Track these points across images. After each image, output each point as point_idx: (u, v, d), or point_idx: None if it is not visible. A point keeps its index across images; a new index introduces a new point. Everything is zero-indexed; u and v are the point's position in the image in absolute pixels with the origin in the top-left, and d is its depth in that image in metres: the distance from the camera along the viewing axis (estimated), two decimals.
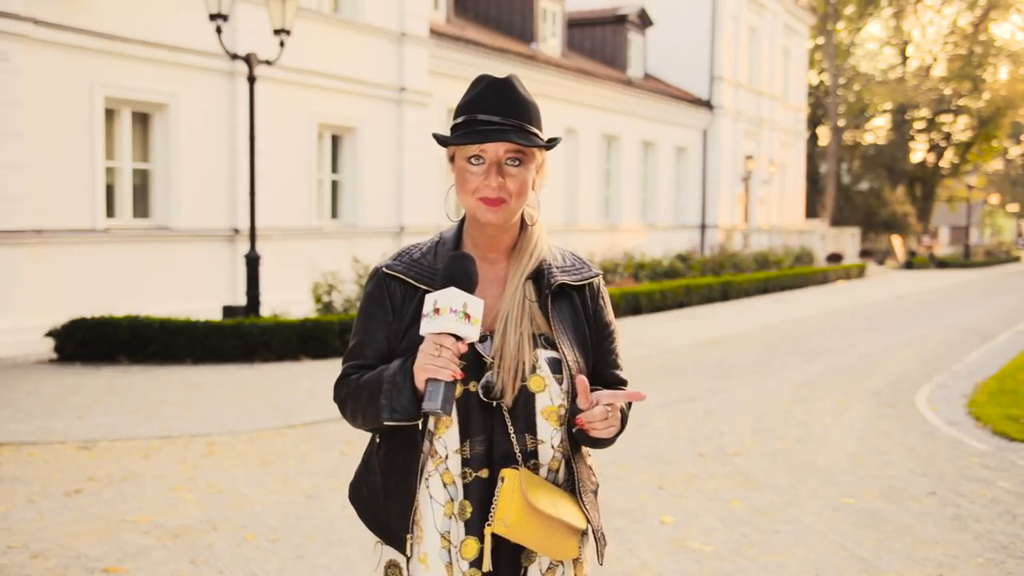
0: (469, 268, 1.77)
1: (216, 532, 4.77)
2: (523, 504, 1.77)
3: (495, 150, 1.83)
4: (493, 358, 1.84)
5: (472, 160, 1.84)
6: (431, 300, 1.74)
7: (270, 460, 6.25)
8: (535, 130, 1.86)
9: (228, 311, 11.47)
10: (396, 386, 1.80)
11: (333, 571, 4.28)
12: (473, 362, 1.83)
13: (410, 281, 1.91)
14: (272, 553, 4.48)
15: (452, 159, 1.90)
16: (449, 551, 1.85)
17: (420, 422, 1.85)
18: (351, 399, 1.90)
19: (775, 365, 10.88)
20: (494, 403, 1.84)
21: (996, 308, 19.16)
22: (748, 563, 4.43)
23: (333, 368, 9.98)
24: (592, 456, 2.02)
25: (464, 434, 1.85)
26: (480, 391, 1.84)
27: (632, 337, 13.04)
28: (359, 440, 6.74)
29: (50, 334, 10.26)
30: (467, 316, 1.72)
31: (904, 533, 4.90)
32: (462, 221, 1.98)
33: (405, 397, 1.79)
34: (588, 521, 1.90)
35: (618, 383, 1.98)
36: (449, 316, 1.72)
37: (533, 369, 1.84)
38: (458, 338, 1.73)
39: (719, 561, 4.45)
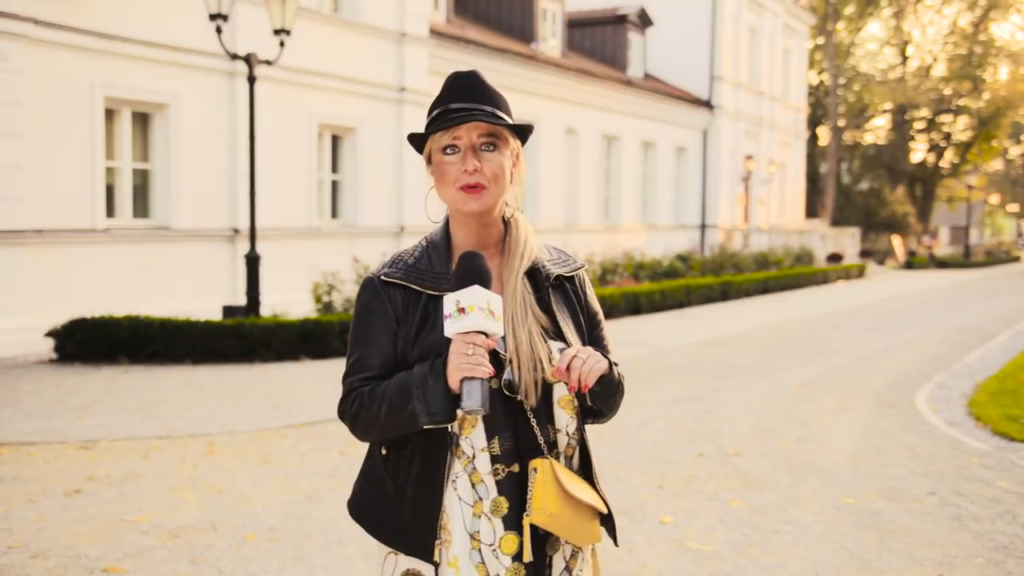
0: (484, 265, 1.80)
1: (216, 532, 4.77)
2: (560, 491, 1.81)
3: (468, 135, 1.85)
4: (510, 356, 1.86)
5: (447, 151, 1.86)
6: (453, 300, 1.74)
7: (270, 460, 6.25)
8: (504, 115, 1.88)
9: (228, 311, 11.47)
10: (430, 388, 1.78)
11: (333, 571, 4.28)
12: (491, 360, 1.82)
13: (412, 286, 1.89)
14: (272, 553, 4.48)
15: (429, 160, 1.91)
16: (480, 551, 1.83)
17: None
18: (364, 412, 1.86)
19: (775, 365, 10.88)
20: (517, 398, 1.85)
21: (996, 308, 19.15)
22: (748, 563, 4.43)
23: (333, 368, 9.99)
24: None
25: (491, 431, 1.84)
26: (504, 388, 1.85)
27: (632, 337, 13.04)
28: (359, 441, 6.73)
29: (50, 334, 10.26)
30: (492, 312, 1.74)
31: (904, 533, 4.90)
32: (446, 223, 1.97)
33: (441, 398, 1.76)
34: (606, 505, 1.95)
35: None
36: (477, 314, 1.72)
37: (549, 361, 1.87)
38: (486, 335, 1.75)
39: (719, 561, 4.45)
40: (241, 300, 12.54)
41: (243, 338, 10.41)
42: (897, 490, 5.71)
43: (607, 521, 1.97)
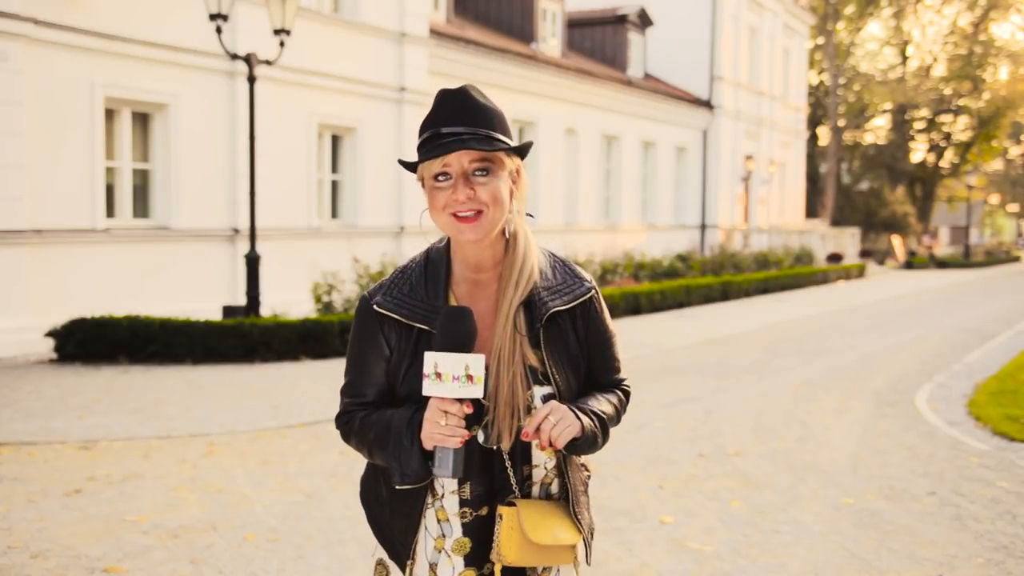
0: (467, 327, 1.72)
1: (216, 532, 4.77)
2: (521, 540, 1.79)
3: (459, 162, 1.77)
4: (488, 401, 1.81)
5: (439, 178, 1.78)
6: (431, 362, 1.70)
7: (270, 460, 6.25)
8: (499, 136, 1.79)
9: (228, 311, 11.47)
10: (404, 449, 1.78)
11: (333, 571, 4.28)
12: (472, 404, 1.79)
13: (404, 321, 1.85)
14: (272, 553, 4.48)
15: (423, 181, 1.83)
16: None
17: None
18: (356, 437, 1.90)
19: (775, 365, 10.88)
20: (494, 447, 1.83)
21: (996, 308, 19.15)
22: (748, 563, 4.43)
23: (333, 368, 9.99)
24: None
25: (463, 477, 1.83)
26: (479, 437, 1.83)
27: (632, 337, 13.04)
28: None
29: (50, 334, 10.26)
30: (469, 378, 1.69)
31: (904, 533, 4.90)
32: (449, 239, 1.92)
33: (415, 461, 1.78)
34: (580, 530, 1.91)
35: (615, 385, 1.99)
36: (452, 384, 1.69)
37: (528, 410, 1.81)
38: (462, 400, 1.72)
39: (719, 561, 4.45)
40: (241, 300, 12.54)
41: (243, 338, 10.41)
42: (897, 490, 5.71)
43: (586, 539, 1.97)
